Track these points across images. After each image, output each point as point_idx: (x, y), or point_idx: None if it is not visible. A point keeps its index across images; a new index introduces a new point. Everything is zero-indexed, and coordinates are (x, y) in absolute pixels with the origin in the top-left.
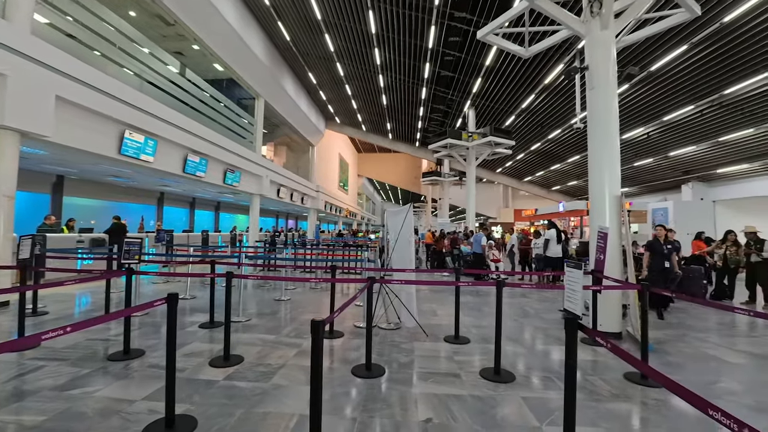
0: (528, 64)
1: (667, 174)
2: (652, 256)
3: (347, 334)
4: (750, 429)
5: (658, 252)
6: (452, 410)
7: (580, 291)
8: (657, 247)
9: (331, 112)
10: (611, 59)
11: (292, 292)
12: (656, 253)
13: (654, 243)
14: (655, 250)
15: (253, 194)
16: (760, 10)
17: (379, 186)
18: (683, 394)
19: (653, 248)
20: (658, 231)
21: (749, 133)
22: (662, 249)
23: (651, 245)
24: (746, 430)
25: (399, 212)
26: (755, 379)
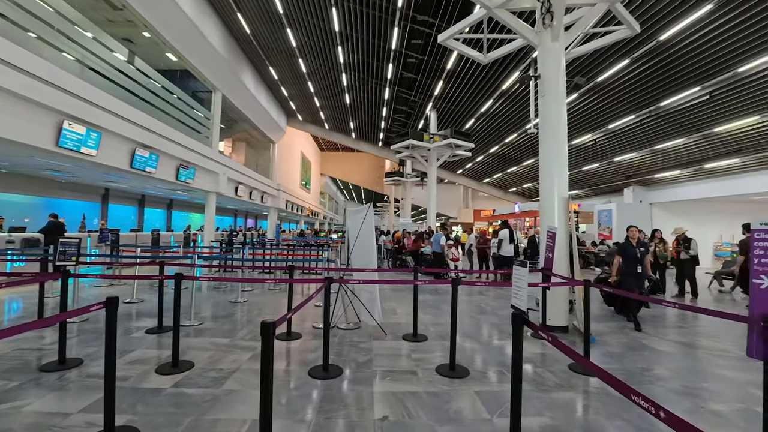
0: (487, 70)
1: (611, 178)
2: (624, 260)
3: (305, 335)
4: (665, 411)
5: (631, 256)
6: (408, 407)
7: (526, 288)
8: (629, 250)
9: (293, 108)
10: (561, 69)
11: (250, 294)
12: (628, 257)
13: (626, 246)
14: (627, 254)
15: (208, 192)
16: (690, 31)
17: (343, 185)
18: (611, 381)
19: (625, 251)
20: (631, 232)
21: (681, 142)
22: (635, 252)
23: (623, 248)
24: (662, 412)
25: (359, 211)
26: (681, 365)
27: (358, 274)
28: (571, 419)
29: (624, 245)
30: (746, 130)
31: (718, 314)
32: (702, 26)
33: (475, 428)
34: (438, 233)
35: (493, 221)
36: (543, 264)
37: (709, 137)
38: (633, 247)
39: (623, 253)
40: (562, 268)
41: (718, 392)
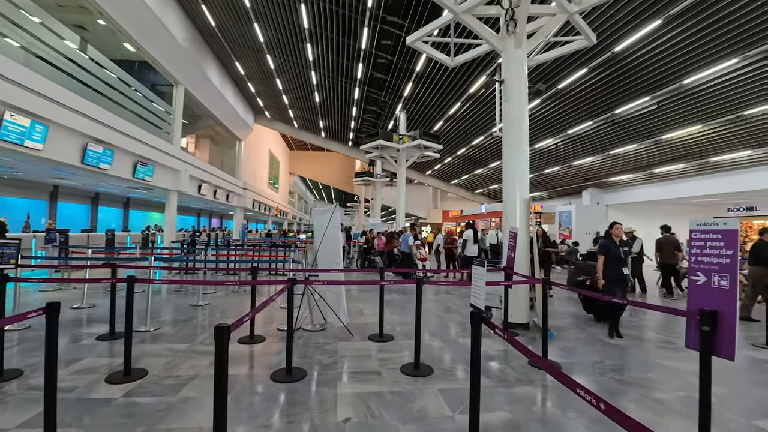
0: (455, 73)
1: (571, 181)
2: (607, 261)
3: (270, 338)
4: (605, 403)
5: (615, 256)
6: (372, 408)
7: (484, 287)
8: (613, 250)
9: (261, 106)
10: (523, 75)
11: (212, 297)
12: (612, 258)
13: (609, 245)
14: (611, 254)
15: (169, 190)
16: (641, 45)
17: (312, 185)
18: (558, 376)
19: (609, 251)
20: (615, 229)
21: (633, 148)
22: (619, 252)
23: (606, 248)
24: (602, 404)
25: (325, 211)
26: (630, 357)
27: (323, 274)
28: (529, 413)
29: (607, 244)
30: (689, 138)
31: (662, 309)
32: (651, 40)
33: (438, 426)
34: (406, 233)
35: (461, 221)
36: (505, 263)
37: (657, 144)
38: (617, 246)
39: (607, 252)
40: (524, 267)
41: (662, 381)
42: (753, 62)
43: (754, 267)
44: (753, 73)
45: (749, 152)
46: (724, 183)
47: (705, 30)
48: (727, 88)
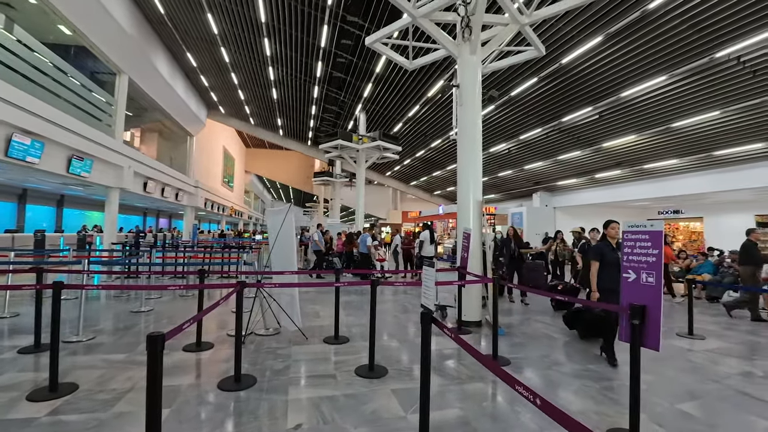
0: (414, 76)
1: (523, 184)
2: (603, 268)
3: (218, 344)
4: (540, 399)
5: (612, 262)
6: (324, 412)
7: (434, 287)
8: (610, 255)
9: (215, 100)
10: (478, 81)
11: (157, 302)
12: (609, 264)
13: (603, 248)
14: (607, 259)
15: (110, 188)
16: (585, 58)
17: (270, 184)
18: (499, 373)
19: (604, 256)
20: (612, 229)
21: (578, 154)
22: (616, 257)
23: (600, 252)
24: (538, 400)
25: (279, 211)
26: (574, 350)
27: (277, 276)
28: (479, 408)
29: (601, 247)
30: (626, 147)
31: (600, 305)
32: (594, 55)
33: (390, 427)
34: (364, 234)
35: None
36: (459, 263)
37: (599, 151)
38: (613, 249)
39: (602, 257)
40: (477, 267)
41: (601, 372)
42: (679, 80)
43: (744, 267)
44: (679, 90)
45: (676, 161)
46: (655, 188)
47: (639, 48)
48: (657, 102)
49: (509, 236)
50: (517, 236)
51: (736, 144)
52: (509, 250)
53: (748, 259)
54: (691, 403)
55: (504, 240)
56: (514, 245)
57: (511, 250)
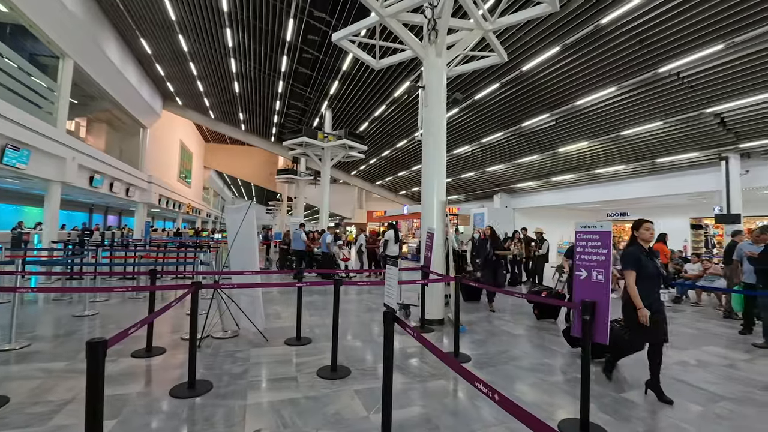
0: (380, 76)
1: (484, 185)
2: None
3: (171, 349)
4: (499, 395)
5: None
6: (284, 416)
7: (396, 287)
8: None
9: (172, 91)
10: (443, 83)
11: (103, 305)
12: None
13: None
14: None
15: (51, 181)
16: (543, 67)
17: (231, 181)
18: (459, 370)
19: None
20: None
21: (535, 158)
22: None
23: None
24: (497, 396)
25: (239, 209)
26: (530, 345)
27: (236, 277)
28: (441, 406)
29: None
30: (579, 153)
31: (556, 302)
32: (552, 64)
33: (352, 428)
34: (326, 233)
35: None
36: (422, 262)
37: (555, 156)
38: (650, 257)
39: (638, 267)
40: (440, 266)
41: (556, 366)
42: (627, 91)
43: (729, 267)
44: (627, 101)
45: (623, 166)
46: (604, 192)
47: (592, 60)
48: (608, 112)
49: (485, 236)
50: (495, 236)
51: (675, 153)
52: (484, 251)
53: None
54: (634, 391)
55: (480, 240)
56: (489, 246)
57: (486, 251)
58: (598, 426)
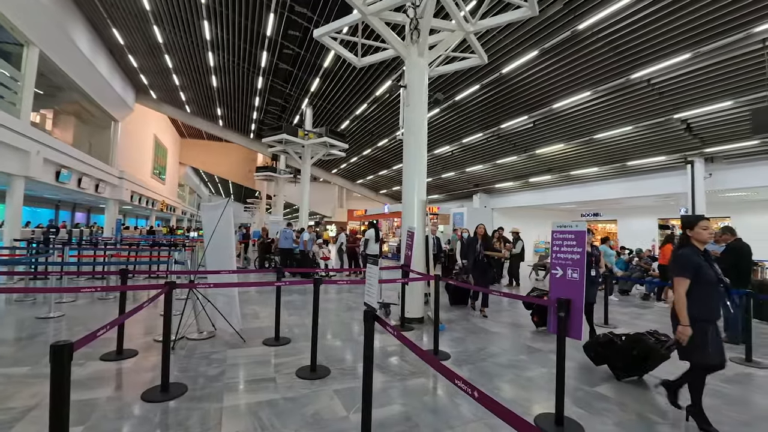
0: (363, 74)
1: (464, 185)
2: (693, 290)
3: (144, 351)
4: (478, 392)
5: (707, 280)
6: (262, 418)
7: (377, 285)
8: (704, 270)
9: (146, 84)
10: (425, 83)
11: (70, 306)
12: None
13: (694, 258)
14: (703, 278)
15: (13, 176)
16: (522, 70)
17: (207, 178)
18: (439, 368)
19: (699, 271)
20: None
21: (514, 159)
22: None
23: (692, 264)
24: (476, 392)
25: (216, 206)
26: (507, 342)
27: (213, 276)
28: (420, 403)
29: (691, 257)
30: (556, 154)
31: (533, 300)
32: (530, 67)
33: (332, 428)
34: (304, 231)
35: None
36: (403, 261)
37: (532, 157)
38: (708, 261)
39: (697, 274)
40: (420, 265)
41: (531, 362)
42: (601, 96)
43: None
44: (601, 105)
45: (597, 169)
46: (579, 192)
47: (569, 65)
48: (583, 115)
49: (476, 236)
50: (486, 236)
51: (645, 156)
52: (474, 251)
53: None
54: (605, 385)
55: (470, 240)
56: (480, 246)
57: (476, 252)
58: (572, 420)
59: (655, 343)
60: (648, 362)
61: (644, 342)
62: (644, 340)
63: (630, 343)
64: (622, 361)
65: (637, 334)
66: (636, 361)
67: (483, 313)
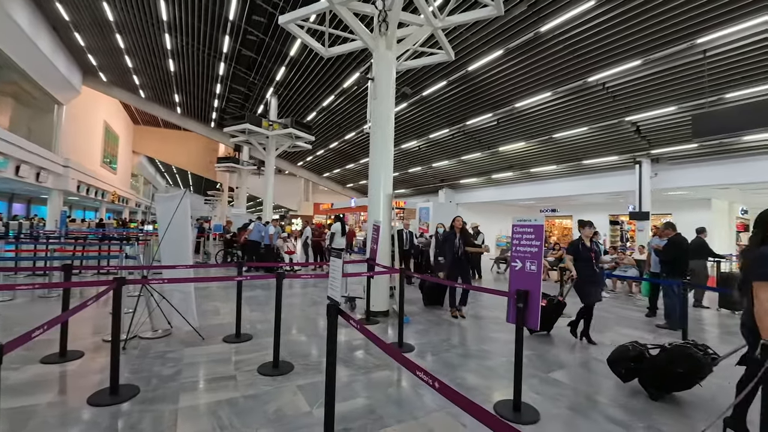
0: (330, 64)
1: (430, 180)
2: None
3: (90, 352)
4: (439, 382)
5: (585, 258)
6: (221, 418)
7: (340, 279)
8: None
9: (94, 65)
10: (392, 76)
11: (5, 306)
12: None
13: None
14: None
15: None
16: (489, 68)
17: (165, 168)
18: (400, 359)
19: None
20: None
21: (478, 156)
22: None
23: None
24: (437, 383)
25: (171, 198)
26: (470, 334)
27: (168, 272)
28: (385, 396)
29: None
30: (517, 152)
31: (493, 291)
32: (495, 66)
33: (294, 424)
34: (269, 225)
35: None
36: (368, 255)
37: (495, 154)
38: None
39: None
40: (385, 258)
41: (492, 351)
42: (560, 97)
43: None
44: (559, 106)
45: (555, 167)
46: (538, 189)
47: (531, 66)
48: (543, 115)
49: (454, 230)
50: (465, 230)
51: (598, 156)
52: (452, 247)
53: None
54: (560, 372)
55: (447, 234)
56: (459, 242)
57: (455, 247)
58: (529, 405)
59: (704, 357)
60: (695, 378)
61: (693, 358)
62: (693, 355)
63: (674, 358)
64: (661, 379)
65: (681, 348)
66: (680, 379)
67: (460, 313)
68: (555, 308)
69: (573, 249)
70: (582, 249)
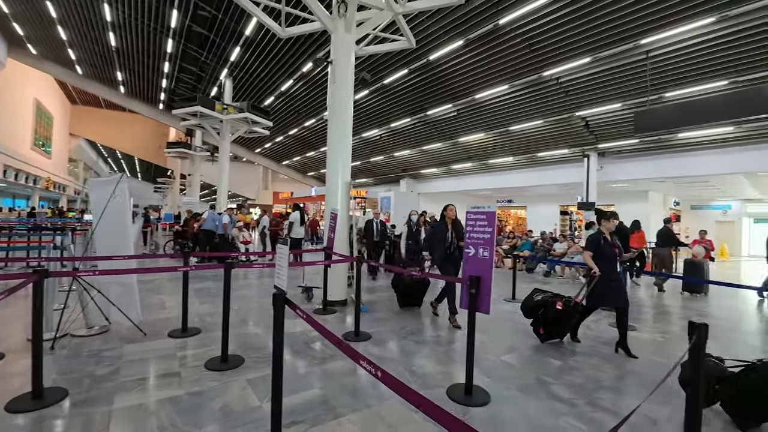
0: (289, 47)
1: (392, 170)
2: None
3: (12, 353)
4: (382, 372)
5: (607, 256)
6: (161, 418)
7: (286, 267)
8: (606, 249)
9: (21, 35)
10: (351, 60)
11: None
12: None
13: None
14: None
15: None
16: (449, 58)
17: (108, 153)
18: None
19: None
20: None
21: (438, 146)
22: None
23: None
24: (379, 372)
25: (107, 182)
26: (426, 321)
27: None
28: (339, 386)
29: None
30: (476, 143)
31: (446, 278)
32: (455, 56)
33: (242, 420)
34: (223, 214)
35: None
36: (325, 243)
37: (455, 145)
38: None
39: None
40: (343, 247)
41: (447, 338)
42: (517, 90)
43: (660, 248)
44: (516, 99)
45: (511, 158)
46: (495, 180)
47: (490, 58)
48: (501, 107)
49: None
50: (458, 222)
51: (551, 148)
52: (444, 240)
53: (667, 242)
54: (510, 354)
55: (438, 226)
56: (452, 235)
57: (448, 241)
58: (480, 388)
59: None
60: None
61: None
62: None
63: None
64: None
65: None
66: None
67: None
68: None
69: (594, 244)
70: (604, 244)
